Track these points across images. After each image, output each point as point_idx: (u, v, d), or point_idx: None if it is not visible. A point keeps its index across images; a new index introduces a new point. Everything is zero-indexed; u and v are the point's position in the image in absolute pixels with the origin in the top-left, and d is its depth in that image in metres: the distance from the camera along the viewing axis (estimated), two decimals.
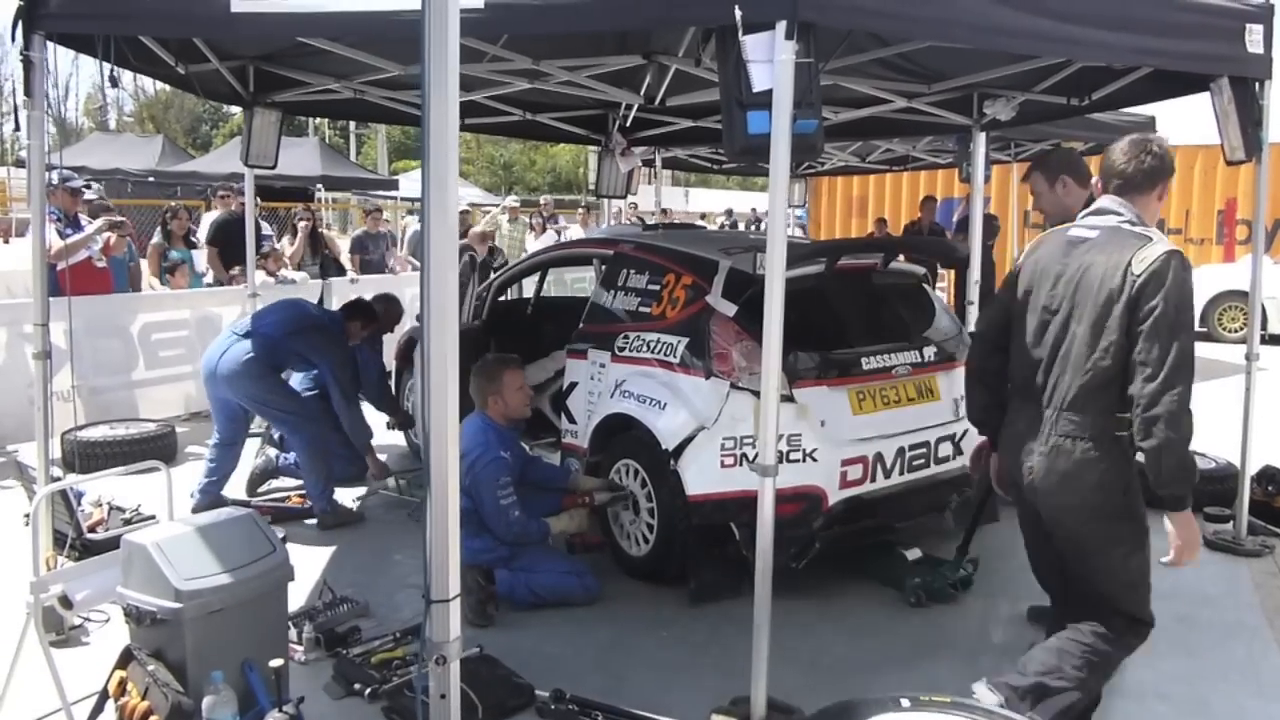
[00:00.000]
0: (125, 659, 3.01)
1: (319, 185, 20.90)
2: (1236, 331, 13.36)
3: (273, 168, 7.42)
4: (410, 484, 6.19)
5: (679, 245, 5.07)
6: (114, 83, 4.42)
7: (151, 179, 20.95)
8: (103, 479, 4.13)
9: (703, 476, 4.40)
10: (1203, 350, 10.88)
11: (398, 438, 6.91)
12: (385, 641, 3.93)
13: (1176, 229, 14.49)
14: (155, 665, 2.90)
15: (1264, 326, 13.26)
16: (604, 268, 5.44)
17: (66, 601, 3.29)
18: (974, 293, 8.65)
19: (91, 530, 5.05)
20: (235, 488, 5.94)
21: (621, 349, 4.88)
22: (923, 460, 4.66)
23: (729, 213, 24.90)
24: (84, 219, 7.77)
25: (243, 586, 3.11)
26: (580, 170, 55.75)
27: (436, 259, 2.48)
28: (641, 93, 6.61)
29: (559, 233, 14.56)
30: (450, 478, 2.49)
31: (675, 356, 4.60)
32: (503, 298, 6.68)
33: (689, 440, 4.42)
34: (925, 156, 12.67)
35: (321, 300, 8.99)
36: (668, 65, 6.03)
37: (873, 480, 4.50)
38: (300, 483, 6.01)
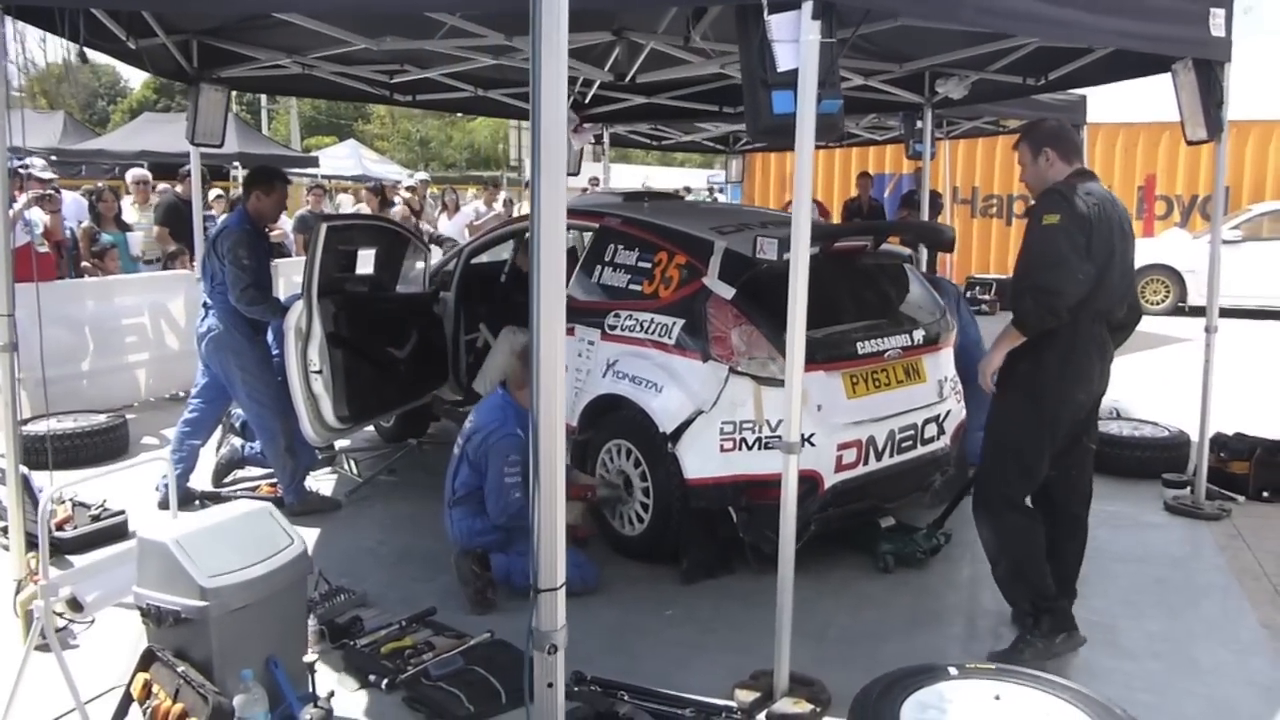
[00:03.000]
0: (147, 660, 2.90)
1: (235, 164, 20.23)
2: (1159, 304, 13.91)
3: (220, 146, 7.15)
4: (362, 466, 6.10)
5: (669, 222, 5.04)
6: (83, 58, 4.20)
7: (54, 158, 20.00)
8: (86, 476, 3.93)
9: (701, 460, 4.42)
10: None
11: None
12: (391, 630, 3.87)
13: None
14: (184, 666, 2.81)
15: (1184, 299, 13.95)
16: (589, 241, 5.38)
17: (76, 604, 3.15)
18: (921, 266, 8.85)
19: (59, 528, 4.85)
20: (201, 479, 5.77)
21: (612, 327, 4.85)
22: (911, 441, 4.74)
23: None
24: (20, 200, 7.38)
25: (265, 581, 3.02)
26: (500, 146, 54.96)
27: (547, 249, 2.42)
28: (607, 68, 6.54)
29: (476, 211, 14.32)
30: (558, 466, 2.44)
31: (670, 338, 4.59)
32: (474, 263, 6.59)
33: (687, 424, 4.43)
34: (862, 133, 12.82)
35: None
36: (639, 42, 5.97)
37: (865, 463, 4.57)
38: (268, 471, 5.88)
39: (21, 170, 6.84)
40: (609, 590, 4.41)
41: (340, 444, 6.51)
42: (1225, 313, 13.35)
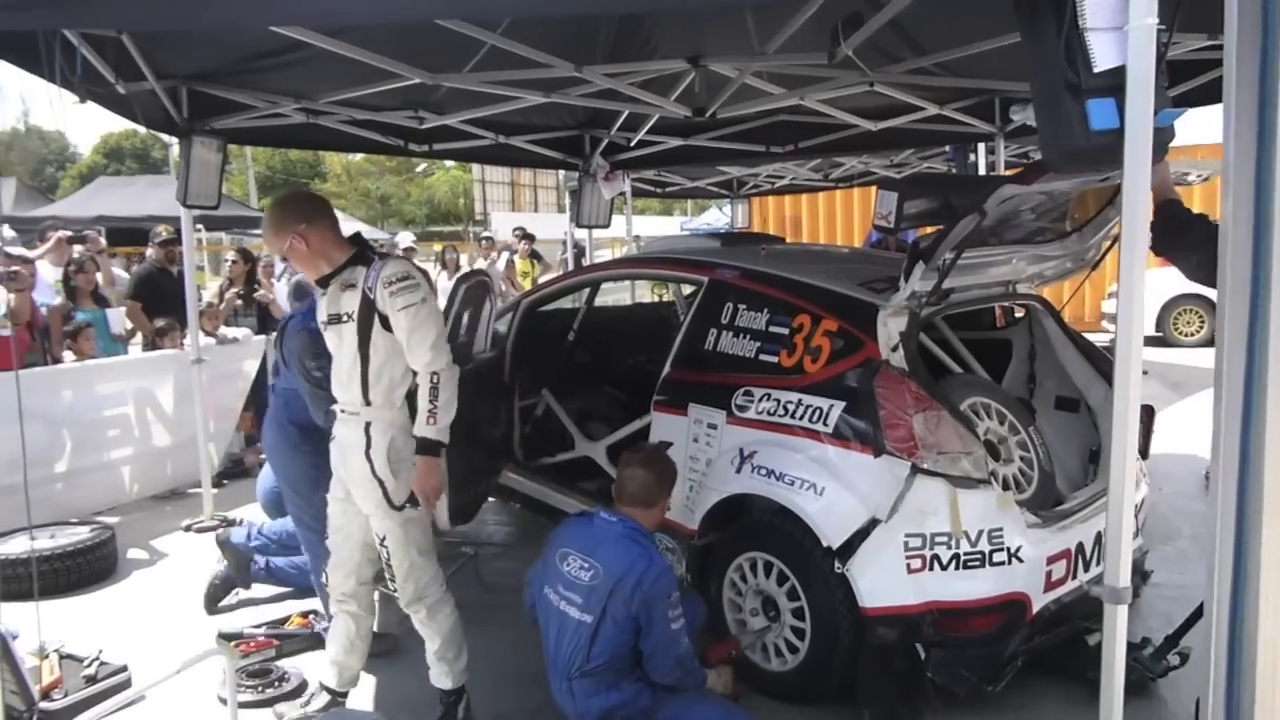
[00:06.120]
0: None
1: (199, 226, 19.20)
2: (1193, 335, 13.26)
3: (215, 207, 6.18)
4: None
5: (805, 276, 4.12)
6: (81, 99, 3.28)
7: (6, 226, 19.01)
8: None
9: (882, 585, 3.47)
10: (1161, 356, 10.62)
11: None
12: None
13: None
14: None
15: (1205, 327, 13.29)
16: (697, 299, 4.44)
17: None
18: None
19: (46, 696, 3.78)
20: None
21: (742, 409, 3.92)
22: None
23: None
24: None
25: None
26: (461, 201, 54.29)
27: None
28: (673, 98, 5.67)
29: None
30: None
31: (826, 425, 3.65)
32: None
33: (860, 536, 3.48)
34: (879, 171, 12.12)
35: (265, 359, 7.72)
36: (720, 73, 5.13)
37: (1074, 576, 3.67)
38: (281, 591, 4.99)
39: None
40: None
41: None
42: None
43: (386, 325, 3.28)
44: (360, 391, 3.37)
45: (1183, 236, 2.98)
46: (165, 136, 6.13)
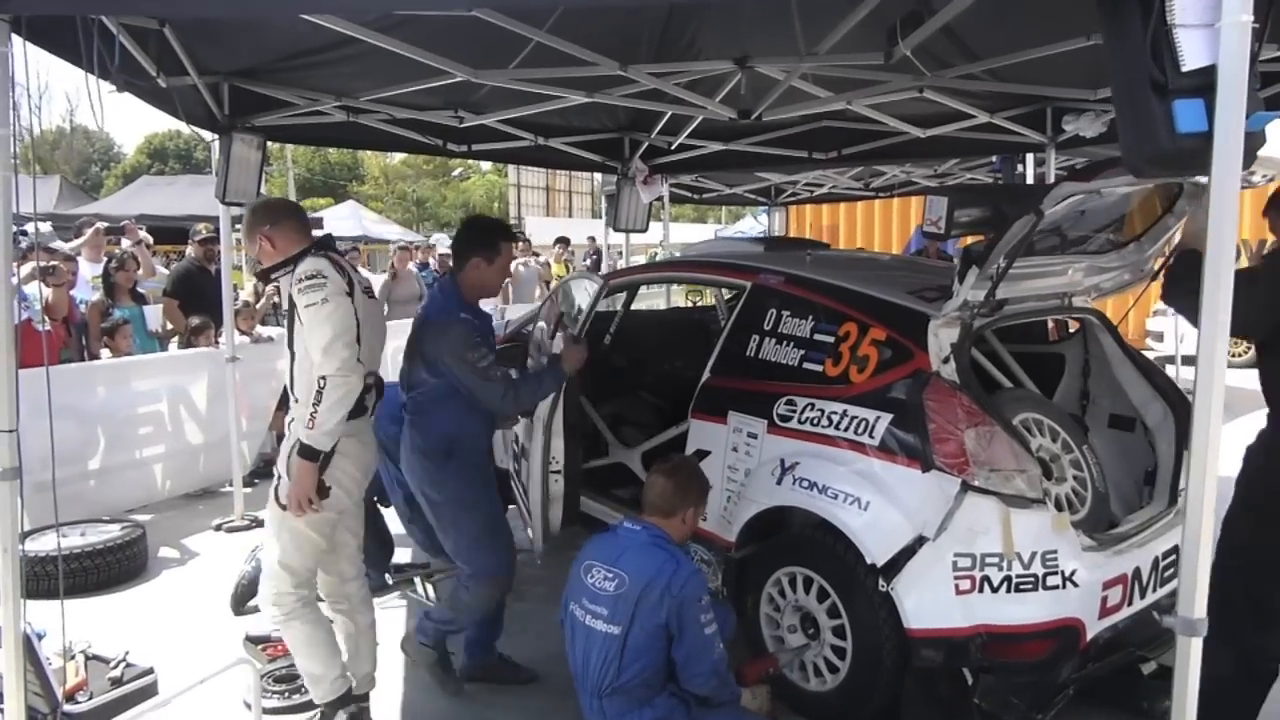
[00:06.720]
0: None
1: (238, 227, 19.33)
2: (1239, 356, 12.93)
3: None
4: (439, 585, 4.97)
5: (852, 283, 3.98)
6: (118, 88, 3.24)
7: (49, 223, 19.33)
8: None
9: (929, 605, 3.32)
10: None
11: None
12: None
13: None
14: None
15: (1251, 348, 12.98)
16: (739, 304, 4.33)
17: None
18: None
19: (70, 698, 3.72)
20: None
21: (784, 419, 3.79)
22: (1174, 569, 3.67)
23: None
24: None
25: None
26: (496, 205, 54.56)
27: None
28: (719, 99, 5.55)
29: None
30: None
31: (873, 437, 3.52)
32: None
33: (906, 554, 3.34)
34: (921, 181, 11.96)
35: None
36: (765, 74, 5.02)
37: (1130, 603, 3.51)
38: None
39: (22, 236, 5.83)
40: None
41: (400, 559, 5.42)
42: None
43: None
44: (291, 386, 3.44)
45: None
46: (206, 134, 6.09)
